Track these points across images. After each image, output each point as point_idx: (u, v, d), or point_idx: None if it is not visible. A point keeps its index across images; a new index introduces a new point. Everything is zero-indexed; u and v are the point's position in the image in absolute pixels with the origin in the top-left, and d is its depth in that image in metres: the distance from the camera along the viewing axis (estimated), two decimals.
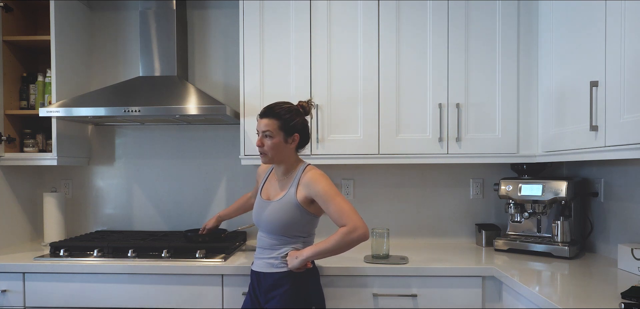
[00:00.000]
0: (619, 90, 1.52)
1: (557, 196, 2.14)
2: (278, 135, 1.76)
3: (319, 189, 1.73)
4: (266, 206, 1.81)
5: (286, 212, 1.76)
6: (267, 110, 1.78)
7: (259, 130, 1.78)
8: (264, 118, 1.77)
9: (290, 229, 1.78)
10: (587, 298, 1.54)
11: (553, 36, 2.06)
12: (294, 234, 1.80)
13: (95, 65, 2.76)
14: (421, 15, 2.28)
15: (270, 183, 1.88)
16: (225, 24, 2.70)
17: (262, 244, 1.84)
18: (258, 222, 1.84)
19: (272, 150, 1.76)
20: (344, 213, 1.71)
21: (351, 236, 1.69)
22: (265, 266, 1.81)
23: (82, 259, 2.17)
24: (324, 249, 1.73)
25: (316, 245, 1.77)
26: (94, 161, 2.78)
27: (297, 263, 1.74)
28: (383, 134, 2.29)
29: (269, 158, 1.78)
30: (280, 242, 1.80)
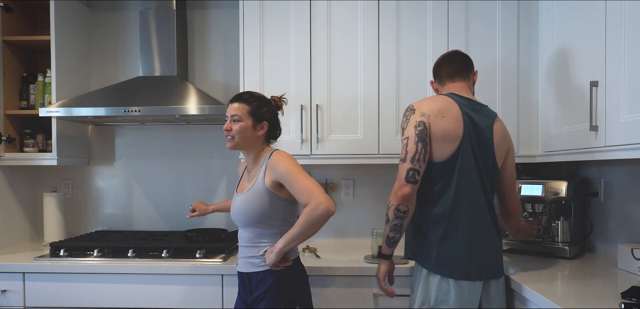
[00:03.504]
0: (619, 90, 1.52)
1: (557, 196, 2.14)
2: (247, 119, 1.73)
3: (281, 169, 1.68)
4: (237, 199, 1.78)
5: (256, 200, 1.71)
6: (237, 96, 1.77)
7: (228, 115, 1.75)
8: (234, 102, 1.75)
9: (263, 218, 1.71)
10: (587, 298, 1.54)
11: (553, 36, 2.06)
12: (269, 223, 1.73)
13: (95, 65, 2.76)
14: (421, 16, 2.28)
15: (244, 178, 1.86)
16: (225, 24, 2.70)
17: (242, 242, 1.79)
18: (234, 218, 1.80)
19: (239, 133, 1.73)
20: (305, 190, 1.63)
21: (314, 214, 1.60)
22: (248, 266, 1.77)
23: (82, 259, 2.17)
24: (293, 235, 1.65)
25: (286, 234, 1.69)
26: (94, 161, 2.78)
27: (273, 257, 1.68)
28: (383, 134, 2.29)
29: (236, 143, 1.74)
30: (257, 235, 1.74)
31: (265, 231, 1.74)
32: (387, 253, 1.78)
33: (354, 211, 2.67)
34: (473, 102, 1.75)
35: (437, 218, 1.68)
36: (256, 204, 1.71)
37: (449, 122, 1.66)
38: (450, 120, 1.66)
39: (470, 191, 1.67)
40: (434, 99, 1.72)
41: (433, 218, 1.69)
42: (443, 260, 1.67)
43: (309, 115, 2.31)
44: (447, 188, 1.67)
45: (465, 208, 1.67)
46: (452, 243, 1.67)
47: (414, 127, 1.66)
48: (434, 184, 1.69)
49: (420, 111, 1.69)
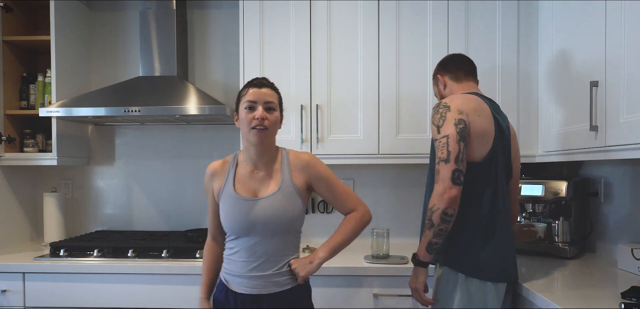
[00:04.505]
0: (619, 90, 1.52)
1: (557, 196, 2.14)
2: (278, 109, 1.53)
3: (322, 171, 1.56)
4: (257, 203, 1.48)
5: (290, 203, 1.50)
6: (264, 80, 1.52)
7: (258, 101, 1.47)
8: (264, 88, 1.50)
9: (294, 224, 1.53)
10: (587, 298, 1.54)
11: (553, 36, 2.06)
12: (297, 230, 1.56)
13: (95, 65, 2.76)
14: (421, 16, 2.28)
15: (244, 180, 1.54)
16: (225, 23, 2.70)
17: (260, 256, 1.49)
18: (246, 226, 1.48)
19: (273, 125, 1.50)
20: (351, 195, 1.61)
21: (364, 220, 1.59)
22: (270, 286, 1.48)
23: (82, 259, 2.17)
24: (340, 242, 1.56)
25: (329, 243, 1.56)
26: (94, 161, 2.78)
27: (314, 268, 1.52)
28: (383, 134, 2.29)
29: (267, 136, 1.49)
30: (286, 245, 1.52)
31: (293, 240, 1.55)
32: (426, 261, 1.62)
33: None
34: (495, 103, 1.74)
35: (476, 220, 1.60)
36: (291, 207, 1.50)
37: (485, 121, 1.60)
38: (485, 120, 1.61)
39: (502, 193, 1.65)
40: (466, 97, 1.64)
41: (472, 221, 1.60)
42: (485, 264, 1.59)
43: (309, 115, 2.31)
44: (485, 189, 1.60)
45: (500, 209, 1.62)
46: (492, 245, 1.61)
47: (454, 124, 1.55)
48: (472, 185, 1.59)
49: (457, 108, 1.58)
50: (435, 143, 1.59)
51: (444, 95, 1.82)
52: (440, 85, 1.83)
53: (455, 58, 1.82)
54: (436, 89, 1.88)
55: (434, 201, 1.54)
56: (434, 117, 1.62)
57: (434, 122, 1.62)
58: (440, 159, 1.55)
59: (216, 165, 1.59)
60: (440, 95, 1.85)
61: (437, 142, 1.58)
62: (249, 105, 1.48)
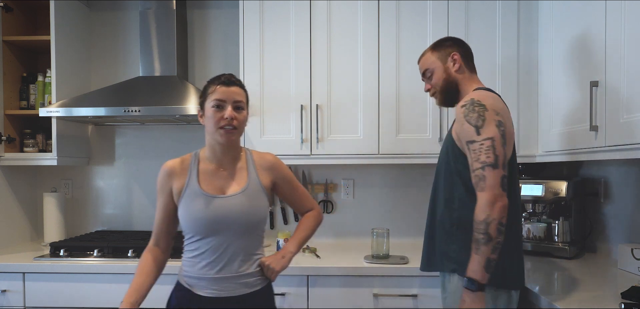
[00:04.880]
0: (619, 90, 1.52)
1: (557, 196, 2.14)
2: (246, 109, 1.50)
3: (286, 172, 1.60)
4: (226, 200, 1.45)
5: (258, 201, 1.49)
6: (232, 77, 1.48)
7: (227, 100, 1.43)
8: (233, 86, 1.46)
9: (261, 223, 1.52)
10: (587, 298, 1.54)
11: (553, 36, 2.05)
12: (262, 230, 1.55)
13: (95, 65, 2.76)
14: (421, 16, 2.28)
15: (209, 177, 1.49)
16: (225, 23, 2.70)
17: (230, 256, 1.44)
18: (214, 224, 1.43)
19: (242, 125, 1.47)
20: (308, 195, 1.69)
21: (320, 218, 1.69)
22: (240, 288, 1.45)
23: (82, 259, 2.17)
24: (306, 237, 1.62)
25: (297, 239, 1.61)
26: (94, 161, 2.78)
27: (287, 262, 1.54)
28: (383, 134, 2.29)
29: (236, 136, 1.47)
30: (255, 244, 1.51)
31: (260, 239, 1.54)
32: (485, 282, 1.40)
33: (354, 211, 2.67)
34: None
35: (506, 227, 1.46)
36: (261, 206, 1.50)
37: (510, 122, 1.52)
38: (510, 120, 1.53)
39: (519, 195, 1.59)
40: (494, 96, 1.52)
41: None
42: (510, 272, 1.51)
43: (309, 115, 2.31)
44: (510, 194, 1.45)
45: (518, 214, 1.56)
46: (514, 252, 1.52)
47: (497, 126, 1.43)
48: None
49: (493, 108, 1.46)
50: (472, 145, 1.44)
51: (450, 76, 1.63)
52: (451, 63, 1.63)
53: (467, 46, 1.68)
54: (439, 65, 1.65)
55: (487, 212, 1.37)
56: (469, 116, 1.46)
57: (471, 121, 1.46)
58: (486, 163, 1.40)
59: (174, 164, 1.50)
60: (444, 74, 1.64)
61: (476, 144, 1.43)
62: (217, 103, 1.43)
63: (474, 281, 1.39)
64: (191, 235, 1.48)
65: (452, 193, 1.55)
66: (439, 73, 1.65)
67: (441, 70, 1.64)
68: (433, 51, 1.68)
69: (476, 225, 1.40)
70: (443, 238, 1.58)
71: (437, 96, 1.68)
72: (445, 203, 1.57)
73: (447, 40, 1.69)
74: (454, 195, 1.54)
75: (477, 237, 1.39)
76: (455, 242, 1.53)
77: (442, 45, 1.67)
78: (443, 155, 1.62)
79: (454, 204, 1.54)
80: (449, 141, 1.58)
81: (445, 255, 1.56)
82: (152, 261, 1.54)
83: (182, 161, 1.51)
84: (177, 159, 1.52)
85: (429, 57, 1.68)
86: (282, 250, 1.58)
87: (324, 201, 2.66)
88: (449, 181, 1.56)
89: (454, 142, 1.54)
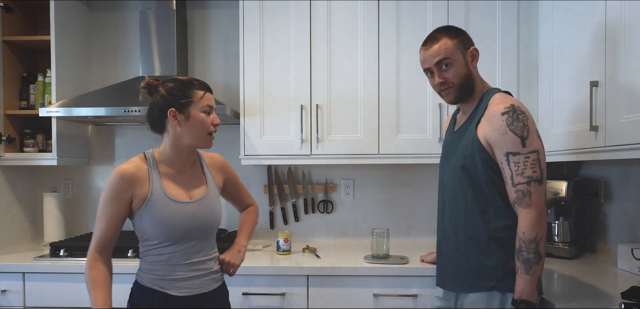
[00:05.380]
0: (619, 90, 1.52)
1: (557, 196, 2.13)
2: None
3: (232, 171, 1.71)
4: (195, 205, 1.46)
5: (218, 202, 1.55)
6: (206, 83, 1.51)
7: (212, 106, 1.49)
8: (211, 93, 1.50)
9: (219, 223, 1.58)
10: (587, 298, 1.54)
11: (553, 36, 2.05)
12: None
13: (95, 65, 2.76)
14: (421, 16, 2.28)
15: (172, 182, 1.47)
16: (225, 24, 2.70)
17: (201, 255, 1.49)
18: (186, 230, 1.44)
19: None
20: (248, 193, 1.81)
21: (258, 212, 1.83)
22: (210, 283, 1.51)
23: (82, 260, 2.15)
24: (252, 231, 1.76)
25: (245, 233, 1.71)
26: (94, 161, 2.78)
27: (243, 255, 1.64)
28: (383, 134, 2.29)
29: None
30: (212, 243, 1.56)
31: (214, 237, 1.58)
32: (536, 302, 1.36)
33: (354, 211, 2.67)
34: None
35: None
36: (219, 205, 1.56)
37: None
38: None
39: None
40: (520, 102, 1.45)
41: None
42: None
43: (309, 115, 2.31)
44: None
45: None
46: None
47: (538, 136, 1.38)
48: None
49: (530, 115, 1.40)
50: (516, 157, 1.36)
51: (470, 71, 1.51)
52: (470, 59, 1.51)
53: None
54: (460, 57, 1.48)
55: (536, 230, 1.33)
56: (514, 125, 1.36)
57: (516, 131, 1.36)
58: (532, 179, 1.34)
59: (131, 170, 1.42)
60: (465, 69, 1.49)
61: (520, 157, 1.35)
62: (207, 109, 1.46)
63: (524, 302, 1.34)
64: (159, 240, 1.44)
65: (486, 204, 1.44)
66: (459, 66, 1.48)
67: (462, 64, 1.49)
68: (451, 38, 1.48)
69: (526, 244, 1.33)
70: (475, 252, 1.46)
71: (451, 92, 1.51)
72: (481, 215, 1.45)
73: (461, 30, 1.53)
74: (488, 206, 1.44)
75: (528, 257, 1.33)
76: (493, 257, 1.43)
77: (459, 34, 1.50)
78: (467, 161, 1.46)
79: (490, 216, 1.44)
80: (476, 146, 1.44)
81: (480, 272, 1.44)
82: (107, 271, 1.47)
83: (136, 166, 1.44)
84: (131, 164, 1.44)
85: (448, 44, 1.48)
86: (235, 246, 1.66)
87: (324, 201, 2.66)
88: (480, 191, 1.45)
89: (483, 149, 1.42)
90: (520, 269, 1.35)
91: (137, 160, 1.46)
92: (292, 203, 2.68)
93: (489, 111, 1.44)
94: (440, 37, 1.49)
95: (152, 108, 1.49)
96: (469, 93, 1.52)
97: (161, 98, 1.46)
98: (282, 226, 2.68)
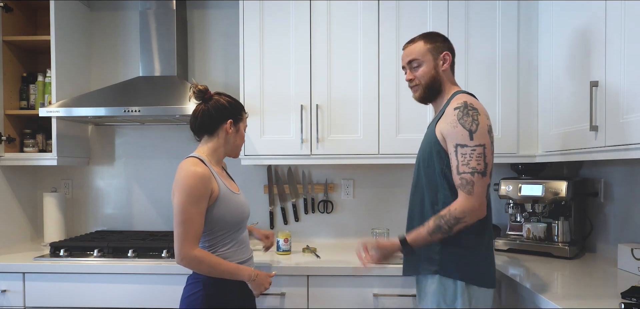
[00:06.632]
0: (619, 90, 1.52)
1: (557, 196, 2.14)
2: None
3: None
4: (244, 198, 1.77)
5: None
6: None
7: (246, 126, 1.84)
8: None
9: None
10: (587, 298, 1.54)
11: (553, 36, 2.06)
12: None
13: (95, 65, 2.76)
14: (421, 16, 2.28)
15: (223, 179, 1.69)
16: (225, 24, 2.70)
17: (247, 239, 1.78)
18: (246, 217, 1.75)
19: None
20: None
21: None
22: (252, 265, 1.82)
23: (82, 260, 2.17)
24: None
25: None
26: (94, 161, 2.78)
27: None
28: (383, 134, 2.29)
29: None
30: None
31: None
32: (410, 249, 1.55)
33: (354, 211, 2.67)
34: None
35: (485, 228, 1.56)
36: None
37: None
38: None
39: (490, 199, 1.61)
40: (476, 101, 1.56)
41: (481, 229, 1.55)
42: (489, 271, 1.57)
43: (308, 115, 2.31)
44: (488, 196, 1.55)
45: (490, 214, 1.60)
46: (491, 252, 1.60)
47: (488, 132, 1.48)
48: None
49: (485, 113, 1.51)
50: (463, 149, 1.47)
51: (438, 73, 1.63)
52: (441, 62, 1.64)
53: (454, 49, 1.70)
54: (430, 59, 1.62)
55: (465, 215, 1.46)
56: (463, 120, 1.48)
57: (465, 125, 1.48)
58: (476, 170, 1.45)
59: (204, 168, 1.59)
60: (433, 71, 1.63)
61: (467, 149, 1.46)
62: (245, 128, 1.76)
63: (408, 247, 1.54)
64: (226, 231, 1.65)
65: (436, 195, 1.57)
66: (427, 67, 1.63)
67: (431, 65, 1.63)
68: (426, 42, 1.64)
69: (449, 217, 1.47)
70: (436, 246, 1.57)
71: (419, 89, 1.66)
72: (431, 205, 1.58)
73: (438, 36, 1.67)
74: (438, 197, 1.56)
75: (442, 226, 1.48)
76: (438, 243, 1.55)
77: (435, 40, 1.65)
78: (425, 155, 1.61)
79: (438, 206, 1.55)
80: (432, 141, 1.57)
81: (428, 258, 1.58)
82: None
83: (205, 167, 1.60)
84: (201, 166, 1.59)
85: (421, 47, 1.64)
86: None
87: (324, 201, 2.66)
88: (433, 182, 1.57)
89: (438, 142, 1.55)
90: (428, 227, 1.50)
91: (198, 163, 1.60)
92: (292, 203, 2.68)
93: (446, 108, 1.57)
94: (418, 41, 1.66)
95: (210, 112, 1.65)
96: (436, 94, 1.66)
97: (223, 107, 1.67)
98: (282, 226, 2.68)
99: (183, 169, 1.57)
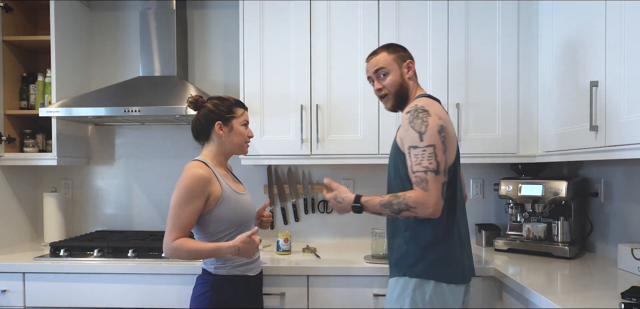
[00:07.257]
0: (619, 90, 1.52)
1: (557, 196, 2.14)
2: None
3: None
4: (249, 198, 1.82)
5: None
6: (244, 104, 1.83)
7: (247, 121, 1.79)
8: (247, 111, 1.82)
9: None
10: (587, 298, 1.54)
11: (553, 36, 2.06)
12: None
13: (95, 65, 2.76)
14: (421, 15, 2.28)
15: (227, 180, 1.73)
16: (225, 24, 2.70)
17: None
18: (252, 215, 1.79)
19: None
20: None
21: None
22: (260, 263, 1.87)
23: (82, 259, 2.17)
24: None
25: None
26: (94, 161, 2.78)
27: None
28: (383, 134, 2.29)
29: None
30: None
31: None
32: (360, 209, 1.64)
33: None
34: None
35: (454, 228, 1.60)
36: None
37: (452, 126, 1.61)
38: (452, 124, 1.62)
39: (461, 196, 1.68)
40: (435, 103, 1.61)
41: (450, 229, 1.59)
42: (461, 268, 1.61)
43: (308, 115, 2.31)
44: (455, 193, 1.60)
45: (461, 212, 1.66)
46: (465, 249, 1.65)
47: (438, 132, 1.52)
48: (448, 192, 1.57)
49: (437, 114, 1.55)
50: (415, 151, 1.53)
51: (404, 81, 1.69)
52: (405, 70, 1.69)
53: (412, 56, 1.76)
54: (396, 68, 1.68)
55: (417, 206, 1.50)
56: (414, 122, 1.55)
57: (415, 127, 1.54)
58: (429, 169, 1.50)
59: (206, 170, 1.66)
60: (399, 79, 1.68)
61: (418, 150, 1.52)
62: (245, 123, 1.77)
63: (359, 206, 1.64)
64: (234, 229, 1.68)
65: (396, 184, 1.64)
66: (394, 76, 1.68)
67: (397, 74, 1.69)
68: (389, 53, 1.70)
69: (401, 201, 1.53)
70: (396, 241, 1.66)
71: (389, 99, 1.70)
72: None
73: (399, 46, 1.74)
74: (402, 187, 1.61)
75: (393, 204, 1.55)
76: (407, 243, 1.61)
77: (397, 50, 1.71)
78: (391, 161, 1.69)
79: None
80: (395, 148, 1.65)
81: (400, 260, 1.63)
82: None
83: (207, 170, 1.66)
84: (202, 166, 1.66)
85: (385, 57, 1.69)
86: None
87: (324, 201, 2.66)
88: (400, 186, 1.62)
89: (398, 148, 1.62)
90: (382, 198, 1.59)
91: (202, 165, 1.67)
92: (292, 203, 2.68)
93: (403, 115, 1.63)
94: (380, 51, 1.72)
95: (200, 120, 1.73)
96: (404, 101, 1.70)
97: (209, 112, 1.71)
98: (282, 226, 2.68)
99: (186, 170, 1.65)
